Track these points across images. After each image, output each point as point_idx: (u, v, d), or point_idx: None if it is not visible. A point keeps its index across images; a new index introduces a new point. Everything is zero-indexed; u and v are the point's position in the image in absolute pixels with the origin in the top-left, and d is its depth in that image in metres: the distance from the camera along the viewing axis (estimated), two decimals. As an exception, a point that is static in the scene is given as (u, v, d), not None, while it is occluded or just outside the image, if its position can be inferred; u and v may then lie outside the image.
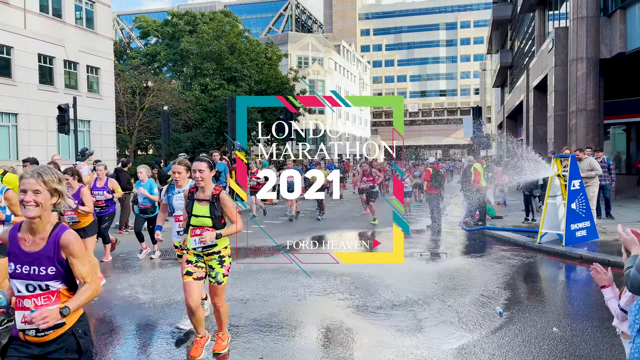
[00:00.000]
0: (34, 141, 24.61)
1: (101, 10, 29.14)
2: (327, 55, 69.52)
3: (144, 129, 36.63)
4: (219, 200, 4.57)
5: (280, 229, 12.91)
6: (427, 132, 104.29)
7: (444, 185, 13.58)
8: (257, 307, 6.15)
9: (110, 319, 5.90)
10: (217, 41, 40.80)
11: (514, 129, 35.96)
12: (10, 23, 23.41)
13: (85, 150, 11.83)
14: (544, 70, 20.88)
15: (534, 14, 25.17)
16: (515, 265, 8.69)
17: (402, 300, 6.43)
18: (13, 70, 23.79)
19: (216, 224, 4.53)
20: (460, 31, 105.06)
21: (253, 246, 10.36)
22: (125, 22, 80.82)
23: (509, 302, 6.43)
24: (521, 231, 11.68)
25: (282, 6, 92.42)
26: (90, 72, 28.46)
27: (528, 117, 25.38)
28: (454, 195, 22.77)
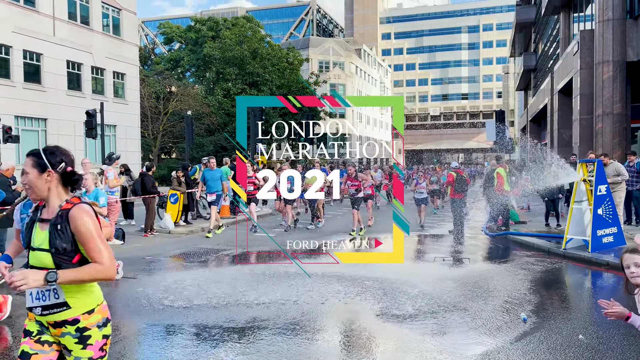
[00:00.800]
0: (62, 145, 25.15)
1: (127, 18, 29.76)
2: (348, 60, 69.59)
3: (167, 133, 37.21)
4: (68, 220, 2.53)
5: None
6: (448, 135, 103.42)
7: (467, 189, 13.41)
8: (281, 311, 6.22)
9: (135, 320, 6.03)
10: (239, 46, 41.25)
11: (537, 133, 35.48)
12: (40, 30, 24.10)
13: (112, 154, 12.11)
14: (569, 73, 20.58)
15: (558, 16, 24.84)
16: (539, 271, 8.60)
17: (425, 306, 6.43)
18: (43, 77, 24.47)
19: (60, 262, 2.50)
20: (483, 34, 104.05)
21: (275, 249, 10.46)
22: (150, 28, 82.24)
23: (533, 308, 6.37)
24: (546, 236, 11.53)
25: (304, 11, 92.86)
26: (117, 77, 29.07)
27: (552, 121, 25.03)
28: (477, 199, 22.57)
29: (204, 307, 6.33)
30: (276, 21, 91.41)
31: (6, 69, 22.80)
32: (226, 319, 5.87)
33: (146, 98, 34.16)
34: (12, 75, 22.97)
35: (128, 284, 7.59)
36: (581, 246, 9.90)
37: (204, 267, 8.97)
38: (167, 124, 36.62)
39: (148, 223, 12.27)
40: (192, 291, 7.14)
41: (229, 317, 5.96)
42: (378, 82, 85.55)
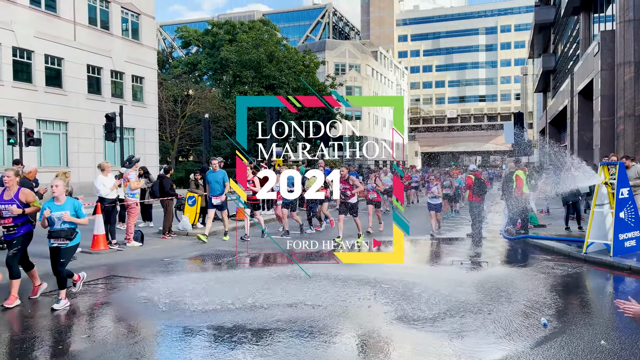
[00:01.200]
0: (83, 148, 25.63)
1: (146, 22, 30.15)
2: (364, 62, 69.53)
3: (185, 136, 37.56)
4: None
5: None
6: (466, 138, 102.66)
7: (486, 192, 13.27)
8: (298, 313, 6.22)
9: (153, 321, 6.09)
10: (255, 50, 41.51)
11: (557, 135, 35.00)
12: (61, 35, 24.54)
13: (132, 157, 12.24)
14: (589, 75, 20.28)
15: (578, 17, 24.51)
16: (560, 275, 8.47)
17: (442, 309, 6.38)
18: (63, 81, 24.91)
19: None
20: (501, 35, 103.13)
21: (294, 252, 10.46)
22: (168, 32, 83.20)
23: (554, 313, 6.27)
24: (566, 240, 11.36)
25: (320, 14, 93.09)
26: (135, 81, 29.45)
27: (572, 123, 24.68)
28: (495, 202, 22.34)
29: (221, 309, 6.36)
30: (292, 24, 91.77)
31: (28, 73, 23.26)
32: (243, 321, 5.89)
33: (164, 101, 34.56)
34: (34, 79, 23.42)
35: (146, 285, 7.66)
36: (603, 250, 9.73)
37: (220, 269, 9.02)
38: (185, 127, 36.98)
39: (166, 225, 12.38)
40: (209, 293, 7.18)
41: (246, 318, 5.98)
42: (394, 84, 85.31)
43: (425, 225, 14.06)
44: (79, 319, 6.14)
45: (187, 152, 44.50)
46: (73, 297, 6.99)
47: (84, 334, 5.57)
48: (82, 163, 25.23)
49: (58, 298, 6.47)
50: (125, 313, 6.41)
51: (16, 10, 22.44)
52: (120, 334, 5.64)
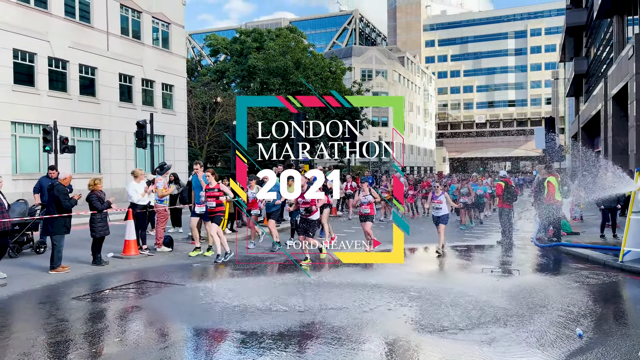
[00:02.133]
0: (114, 155, 26.22)
1: (176, 31, 30.76)
2: (391, 68, 69.30)
3: (213, 142, 38.05)
4: None
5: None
6: (495, 143, 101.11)
7: (516, 199, 12.96)
8: (326, 320, 6.20)
9: (182, 326, 6.16)
10: (282, 57, 41.83)
11: (590, 141, 34.13)
12: (94, 45, 25.24)
13: (164, 164, 12.46)
14: (624, 78, 19.75)
15: (611, 19, 23.91)
16: (595, 284, 8.23)
17: (472, 318, 6.27)
18: (97, 89, 25.58)
19: None
20: (531, 39, 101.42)
21: (319, 258, 10.45)
22: (197, 40, 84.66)
23: (589, 323, 6.10)
24: (601, 248, 11.04)
25: (346, 20, 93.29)
26: (165, 89, 30.03)
27: (606, 128, 24.04)
28: (525, 209, 21.89)
29: (249, 314, 6.39)
30: (319, 31, 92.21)
31: (63, 82, 23.97)
32: (271, 327, 5.91)
33: (193, 108, 35.09)
34: (69, 88, 24.11)
35: (176, 290, 7.77)
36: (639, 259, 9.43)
37: (249, 274, 9.08)
38: (213, 134, 37.46)
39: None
40: (237, 298, 7.23)
41: (275, 324, 5.99)
42: (421, 89, 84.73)
43: (451, 233, 13.90)
44: (111, 323, 6.26)
45: (216, 159, 45.02)
46: (105, 301, 7.14)
47: (116, 337, 5.68)
48: (113, 169, 25.81)
49: None
50: (155, 317, 6.50)
51: (51, 21, 23.19)
52: (151, 338, 5.73)
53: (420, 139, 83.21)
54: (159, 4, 29.03)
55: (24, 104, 21.82)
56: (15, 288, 7.72)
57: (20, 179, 21.25)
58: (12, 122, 21.58)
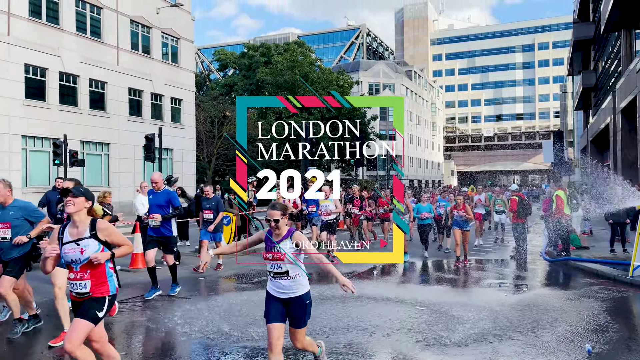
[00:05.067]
0: (123, 169, 26.41)
1: (185, 46, 31.12)
2: (399, 82, 69.54)
3: (221, 156, 38.23)
4: None
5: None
6: (503, 157, 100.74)
7: (530, 214, 12.85)
8: (329, 334, 6.16)
9: (188, 339, 6.14)
10: (290, 71, 42.13)
11: (599, 154, 33.93)
12: (105, 60, 25.58)
13: (171, 177, 12.55)
14: (632, 92, 19.68)
15: (619, 33, 23.91)
16: (604, 299, 8.13)
17: (480, 333, 6.20)
18: (106, 104, 25.86)
19: None
20: (538, 53, 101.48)
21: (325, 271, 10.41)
22: (206, 55, 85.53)
23: (598, 339, 6.01)
24: (611, 263, 10.92)
25: (354, 35, 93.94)
26: (174, 103, 30.30)
27: (615, 141, 23.90)
28: (534, 223, 21.71)
29: (254, 329, 6.37)
30: (327, 45, 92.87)
31: (74, 96, 24.26)
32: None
33: (201, 122, 35.34)
34: (79, 102, 24.40)
35: (182, 304, 7.76)
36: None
37: (255, 288, 9.05)
38: (221, 147, 37.66)
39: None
40: (244, 312, 7.21)
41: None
42: (429, 103, 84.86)
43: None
44: (117, 337, 6.26)
45: (224, 172, 45.21)
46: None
47: (122, 351, 5.67)
48: (122, 183, 25.98)
49: None
50: (162, 331, 6.49)
51: (63, 36, 23.56)
52: (158, 351, 5.71)
53: (428, 152, 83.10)
54: (169, 20, 29.42)
55: (34, 118, 22.09)
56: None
57: (30, 192, 21.43)
58: (23, 135, 21.84)
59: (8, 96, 21.10)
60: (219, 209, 10.58)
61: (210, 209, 10.58)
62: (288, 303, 4.34)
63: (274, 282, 4.36)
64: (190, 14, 31.66)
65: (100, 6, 25.45)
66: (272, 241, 4.32)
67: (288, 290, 4.32)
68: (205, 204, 10.79)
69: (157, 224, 8.21)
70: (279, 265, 4.30)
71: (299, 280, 4.33)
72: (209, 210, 10.61)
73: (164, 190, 8.44)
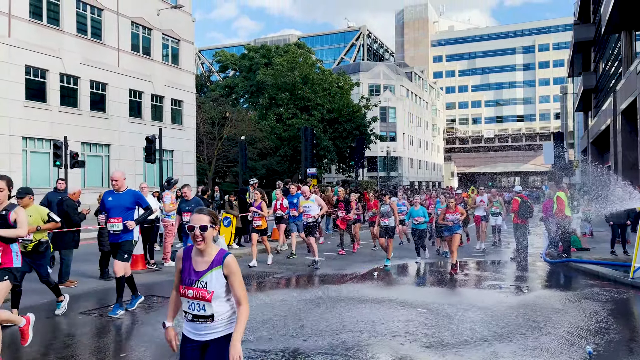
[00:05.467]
0: (123, 170, 26.35)
1: (185, 48, 31.14)
2: (399, 83, 69.55)
3: (221, 157, 38.23)
4: None
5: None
6: (503, 158, 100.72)
7: (532, 215, 12.73)
8: (333, 336, 6.15)
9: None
10: (291, 72, 42.15)
11: (599, 156, 33.92)
12: (105, 61, 25.61)
13: (171, 179, 12.54)
14: (633, 93, 19.68)
15: (619, 34, 23.92)
16: (605, 301, 8.12)
17: (480, 334, 6.19)
18: (107, 105, 25.89)
19: None
20: (539, 54, 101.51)
21: (325, 273, 10.40)
22: (206, 56, 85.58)
23: (599, 341, 6.00)
24: (611, 264, 10.91)
25: (354, 36, 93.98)
26: (174, 105, 30.32)
27: (616, 143, 23.89)
28: (534, 224, 21.69)
29: (257, 332, 6.36)
30: (327, 47, 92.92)
31: (74, 98, 24.29)
32: (282, 347, 5.87)
33: (202, 124, 35.34)
34: (80, 104, 24.42)
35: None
36: (651, 275, 9.29)
37: (256, 290, 9.05)
38: (222, 149, 37.65)
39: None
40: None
41: (285, 346, 5.96)
42: (429, 104, 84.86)
43: (461, 249, 13.77)
44: (118, 338, 6.25)
45: (224, 174, 45.22)
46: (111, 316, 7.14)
47: (123, 352, 5.67)
48: (123, 184, 25.98)
49: None
50: (162, 332, 6.48)
51: (64, 38, 23.58)
52: (158, 353, 5.71)
53: (429, 153, 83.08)
54: (169, 21, 29.45)
55: (35, 120, 22.11)
56: (23, 302, 7.73)
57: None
58: (24, 137, 21.86)
59: (9, 97, 21.12)
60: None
61: (189, 211, 9.85)
62: (206, 346, 3.11)
63: (191, 324, 3.13)
64: (191, 15, 31.70)
65: (101, 8, 25.48)
66: (195, 271, 3.10)
67: (209, 331, 3.10)
68: (184, 206, 10.18)
69: (119, 230, 7.18)
70: (202, 306, 3.06)
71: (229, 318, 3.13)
72: (188, 213, 9.93)
73: (127, 190, 7.38)
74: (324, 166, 46.26)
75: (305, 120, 40.53)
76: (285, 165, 41.55)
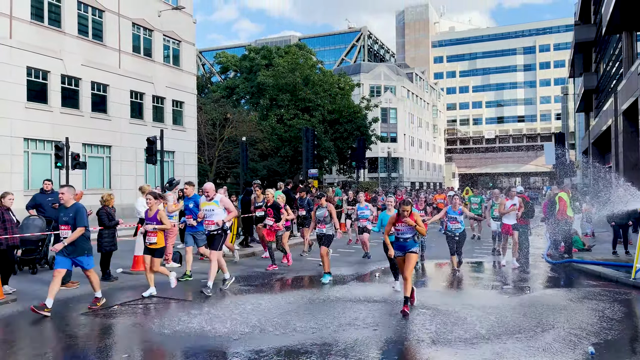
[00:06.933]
0: (125, 171, 26.43)
1: (186, 49, 31.18)
2: (400, 84, 69.57)
3: (222, 158, 38.23)
4: None
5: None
6: (504, 159, 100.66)
7: (533, 216, 12.59)
8: (337, 334, 6.15)
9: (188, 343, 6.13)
10: (291, 73, 42.17)
11: (600, 156, 33.88)
12: (107, 63, 25.64)
13: (173, 180, 12.54)
14: (634, 94, 19.66)
15: (620, 35, 23.91)
16: (607, 301, 8.11)
17: (482, 335, 6.19)
18: (108, 106, 25.92)
19: None
20: (540, 55, 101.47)
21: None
22: (207, 58, 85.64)
23: (601, 341, 5.99)
24: (613, 265, 10.90)
25: (355, 37, 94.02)
26: (176, 106, 30.35)
27: (617, 143, 23.87)
28: (536, 225, 21.68)
29: (257, 332, 6.36)
30: (328, 48, 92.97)
31: (76, 99, 24.32)
32: (281, 346, 5.87)
33: (203, 125, 35.35)
34: (81, 105, 24.45)
35: (183, 306, 7.76)
36: (653, 276, 9.28)
37: (258, 291, 9.05)
38: (223, 150, 37.66)
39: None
40: (245, 315, 7.20)
41: (283, 344, 5.96)
42: (430, 105, 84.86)
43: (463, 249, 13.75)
44: (119, 339, 6.25)
45: (225, 175, 45.21)
46: (114, 317, 7.14)
47: (125, 353, 5.67)
48: (124, 185, 26.00)
49: None
50: (163, 333, 6.49)
51: (65, 39, 23.61)
52: (159, 354, 5.71)
53: (429, 154, 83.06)
54: (170, 23, 29.48)
55: (36, 121, 22.14)
56: (26, 303, 7.75)
57: (32, 195, 21.46)
58: (25, 138, 21.89)
59: (10, 99, 21.15)
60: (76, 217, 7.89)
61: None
62: None
63: None
64: (192, 16, 31.73)
65: (102, 9, 25.52)
66: None
67: None
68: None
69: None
70: None
71: None
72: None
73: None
74: (325, 167, 46.27)
75: (306, 121, 40.53)
76: (286, 166, 41.55)
